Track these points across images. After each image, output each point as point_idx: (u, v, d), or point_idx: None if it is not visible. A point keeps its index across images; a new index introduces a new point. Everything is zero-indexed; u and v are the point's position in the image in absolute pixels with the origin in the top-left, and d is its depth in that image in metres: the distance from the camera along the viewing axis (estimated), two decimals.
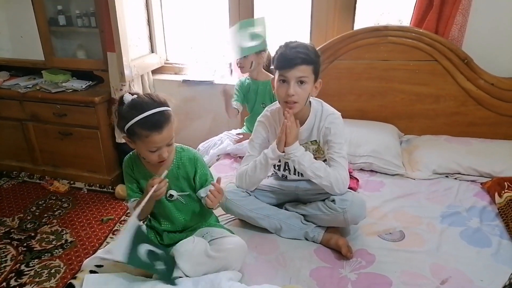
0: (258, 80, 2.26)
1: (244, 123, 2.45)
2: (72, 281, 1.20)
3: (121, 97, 1.26)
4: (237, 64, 2.20)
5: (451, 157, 2.03)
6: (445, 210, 1.74)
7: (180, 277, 1.26)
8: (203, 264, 1.26)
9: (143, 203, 1.20)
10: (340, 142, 1.53)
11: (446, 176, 2.01)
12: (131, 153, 1.42)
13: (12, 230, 2.32)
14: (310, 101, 1.57)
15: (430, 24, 2.16)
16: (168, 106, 1.26)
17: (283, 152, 1.47)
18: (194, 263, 1.25)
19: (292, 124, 1.45)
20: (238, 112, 2.31)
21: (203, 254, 1.26)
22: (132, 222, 1.16)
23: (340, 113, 1.58)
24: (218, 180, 1.33)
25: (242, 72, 2.25)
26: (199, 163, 1.38)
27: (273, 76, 2.25)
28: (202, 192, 1.37)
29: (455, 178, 2.00)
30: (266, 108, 1.67)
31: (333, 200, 1.51)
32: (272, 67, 2.16)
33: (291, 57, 1.42)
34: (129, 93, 1.27)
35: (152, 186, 1.23)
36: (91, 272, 1.23)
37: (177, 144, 1.40)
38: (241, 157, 2.15)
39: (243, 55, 2.15)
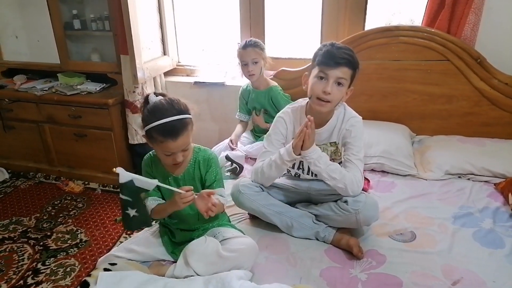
0: (259, 90, 2.30)
1: (253, 125, 2.48)
2: (87, 278, 1.23)
3: (147, 96, 1.30)
4: (248, 72, 2.22)
5: (464, 158, 2.01)
6: (458, 211, 1.72)
7: (191, 275, 1.28)
8: (215, 263, 1.28)
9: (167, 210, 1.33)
10: (359, 145, 1.54)
11: (459, 177, 1.99)
12: (150, 152, 1.45)
13: (29, 230, 2.38)
14: None
15: (442, 24, 2.14)
16: (188, 114, 1.28)
17: (299, 154, 1.48)
18: (206, 262, 1.27)
19: (312, 131, 1.44)
20: (248, 121, 2.41)
21: (215, 254, 1.28)
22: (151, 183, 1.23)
23: (361, 117, 1.59)
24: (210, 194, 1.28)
25: (253, 79, 2.26)
26: (213, 164, 1.40)
27: (273, 83, 2.30)
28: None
29: (468, 179, 1.98)
30: (287, 106, 1.67)
31: (345, 201, 1.51)
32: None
33: (337, 55, 1.43)
34: (155, 93, 1.31)
35: (182, 199, 1.25)
36: (105, 270, 1.26)
37: (195, 145, 1.43)
38: (252, 158, 2.17)
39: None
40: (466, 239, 1.54)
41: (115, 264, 1.30)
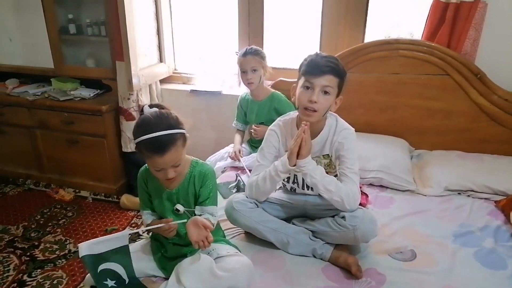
0: (257, 101, 2.27)
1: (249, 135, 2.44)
2: None
3: (143, 108, 1.27)
4: (247, 80, 2.18)
5: (463, 174, 1.98)
6: (458, 229, 1.69)
7: None
8: (208, 282, 1.23)
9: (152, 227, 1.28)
10: (353, 157, 1.50)
11: (459, 193, 1.96)
12: (145, 165, 1.40)
13: (16, 239, 2.30)
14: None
15: (442, 38, 2.13)
16: (178, 128, 1.23)
17: (294, 165, 1.44)
18: (199, 280, 1.22)
19: (308, 139, 1.41)
20: (244, 130, 2.37)
21: (209, 272, 1.23)
22: (122, 235, 1.17)
23: (354, 129, 1.55)
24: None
25: (251, 88, 2.22)
26: (208, 179, 1.35)
27: (272, 90, 2.27)
28: (197, 210, 1.35)
29: (468, 196, 1.95)
30: (278, 118, 1.64)
31: (343, 217, 1.46)
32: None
33: (321, 64, 1.42)
34: (150, 105, 1.27)
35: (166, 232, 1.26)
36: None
37: (193, 158, 1.39)
38: (249, 170, 2.13)
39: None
40: (467, 259, 1.50)
41: None
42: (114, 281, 1.20)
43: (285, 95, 2.36)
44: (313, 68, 1.43)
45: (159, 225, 1.26)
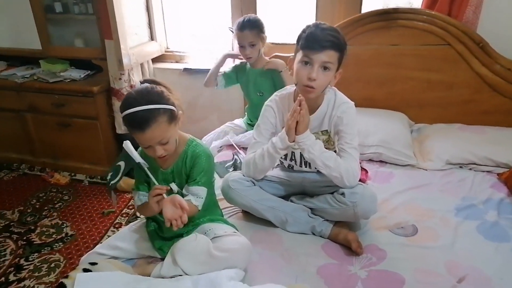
0: (256, 69, 2.17)
1: (245, 113, 2.37)
2: (64, 280, 1.13)
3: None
4: (246, 55, 2.10)
5: (465, 147, 1.93)
6: (460, 202, 1.65)
7: (180, 275, 1.19)
8: (205, 263, 1.19)
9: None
10: (352, 132, 1.45)
11: (460, 167, 1.92)
12: None
13: (12, 224, 2.27)
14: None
15: (443, 6, 2.05)
16: (162, 104, 1.17)
17: (293, 141, 1.38)
18: (196, 262, 1.19)
19: (305, 112, 1.35)
20: (216, 86, 2.26)
21: (206, 253, 1.19)
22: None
23: (353, 103, 1.49)
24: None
25: (250, 61, 2.15)
26: (200, 160, 1.29)
27: (268, 59, 2.16)
28: (184, 189, 1.31)
29: (470, 169, 1.91)
30: (275, 93, 1.57)
31: (342, 193, 1.42)
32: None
33: (321, 38, 1.33)
34: (144, 80, 1.24)
35: (153, 196, 1.21)
36: (85, 270, 1.16)
37: (191, 137, 1.34)
38: (244, 148, 2.08)
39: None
40: (469, 233, 1.47)
41: (96, 264, 1.20)
42: None
43: None
44: (312, 42, 1.34)
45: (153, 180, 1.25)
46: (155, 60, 2.77)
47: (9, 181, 2.74)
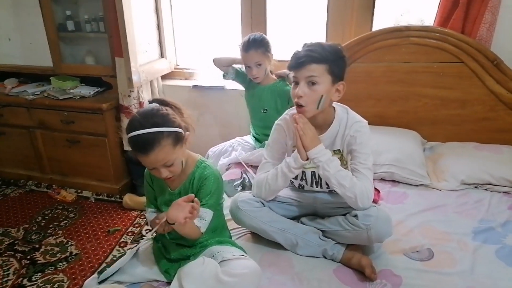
0: (262, 85, 2.13)
1: (250, 129, 2.34)
2: None
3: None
4: (252, 76, 2.07)
5: (481, 166, 1.87)
6: (477, 225, 1.58)
7: None
8: None
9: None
10: (366, 152, 1.40)
11: (476, 187, 1.86)
12: None
13: (16, 242, 2.24)
14: (334, 107, 1.44)
15: (456, 24, 2.02)
16: (168, 126, 1.15)
17: (307, 159, 1.35)
18: (203, 286, 1.14)
19: (304, 125, 1.33)
20: (227, 73, 2.20)
21: (214, 278, 1.15)
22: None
23: (367, 121, 1.45)
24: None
25: (257, 81, 2.11)
26: (207, 182, 1.25)
27: (276, 78, 2.14)
28: None
29: (486, 189, 1.84)
30: (286, 111, 1.54)
31: (355, 215, 1.37)
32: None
33: (300, 55, 1.33)
34: (152, 100, 1.24)
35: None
36: None
37: (201, 158, 1.31)
38: (252, 166, 2.04)
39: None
40: (489, 258, 1.40)
41: None
42: None
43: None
44: (293, 61, 1.34)
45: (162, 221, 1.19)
46: (164, 77, 2.77)
47: (15, 198, 2.73)
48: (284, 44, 2.55)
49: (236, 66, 2.20)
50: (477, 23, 1.98)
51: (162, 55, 2.70)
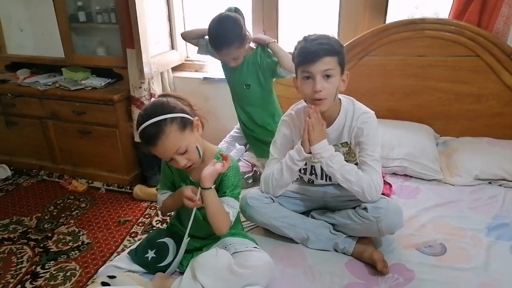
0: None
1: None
2: None
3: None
4: (232, 66, 1.92)
5: (495, 162, 1.85)
6: (491, 221, 1.57)
7: None
8: (226, 280, 1.15)
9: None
10: (374, 143, 1.39)
11: (489, 183, 1.84)
12: None
13: (29, 230, 2.27)
14: (339, 99, 1.43)
15: (472, 16, 1.98)
16: (169, 113, 1.15)
17: (310, 153, 1.34)
18: (216, 278, 1.14)
19: (316, 121, 1.32)
20: (198, 46, 2.04)
21: (227, 269, 1.15)
22: None
23: (374, 112, 1.44)
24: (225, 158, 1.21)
25: (237, 65, 1.92)
26: (229, 174, 1.25)
27: (254, 47, 1.98)
28: None
29: (500, 185, 1.82)
30: (291, 107, 1.53)
31: (365, 208, 1.37)
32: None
33: (312, 49, 1.30)
34: (161, 95, 1.24)
35: (187, 197, 1.19)
36: (103, 284, 1.13)
37: (220, 149, 1.32)
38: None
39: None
40: (503, 254, 1.39)
41: (114, 277, 1.17)
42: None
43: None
44: (306, 56, 1.31)
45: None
46: (174, 69, 2.77)
47: (28, 187, 2.76)
48: (296, 37, 2.53)
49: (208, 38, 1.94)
50: (494, 16, 1.95)
51: (172, 47, 2.70)
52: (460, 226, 1.54)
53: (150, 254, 1.29)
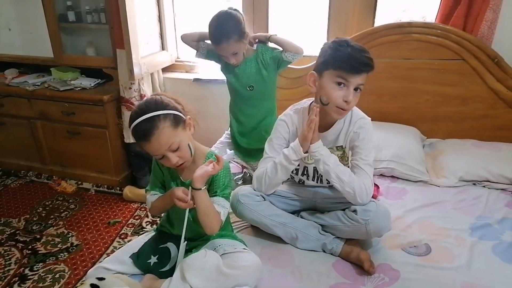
0: (244, 59, 1.91)
1: (230, 114, 2.13)
2: None
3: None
4: (231, 63, 1.90)
5: (479, 163, 1.89)
6: (475, 221, 1.61)
7: None
8: (215, 280, 1.16)
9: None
10: (368, 148, 1.42)
11: (474, 184, 1.88)
12: None
13: (17, 232, 2.26)
14: None
15: (458, 21, 2.02)
16: (161, 109, 1.16)
17: (307, 152, 1.37)
18: (205, 279, 1.15)
19: (315, 126, 1.34)
20: (197, 50, 1.99)
21: (215, 270, 1.16)
22: None
23: (370, 118, 1.47)
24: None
25: (237, 62, 1.91)
26: (220, 174, 1.26)
27: (254, 48, 1.96)
28: None
29: (484, 186, 1.87)
30: (289, 108, 1.55)
31: (354, 210, 1.39)
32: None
33: (360, 61, 1.29)
34: (154, 95, 1.25)
35: (178, 198, 1.18)
36: (92, 286, 1.14)
37: (211, 150, 1.33)
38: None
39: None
40: (485, 254, 1.42)
41: (104, 279, 1.17)
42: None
43: (289, 83, 2.29)
44: (352, 64, 1.28)
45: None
46: (165, 70, 2.77)
47: (16, 188, 2.73)
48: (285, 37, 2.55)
49: (208, 41, 1.93)
50: (479, 20, 1.99)
51: (163, 47, 2.70)
52: (445, 227, 1.57)
53: (153, 259, 1.31)
